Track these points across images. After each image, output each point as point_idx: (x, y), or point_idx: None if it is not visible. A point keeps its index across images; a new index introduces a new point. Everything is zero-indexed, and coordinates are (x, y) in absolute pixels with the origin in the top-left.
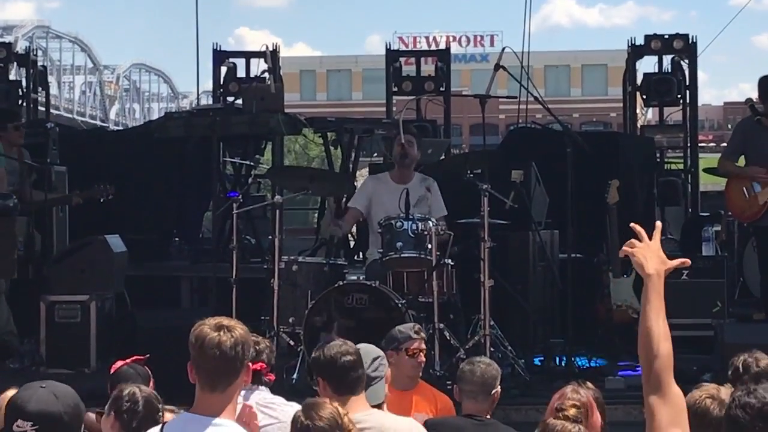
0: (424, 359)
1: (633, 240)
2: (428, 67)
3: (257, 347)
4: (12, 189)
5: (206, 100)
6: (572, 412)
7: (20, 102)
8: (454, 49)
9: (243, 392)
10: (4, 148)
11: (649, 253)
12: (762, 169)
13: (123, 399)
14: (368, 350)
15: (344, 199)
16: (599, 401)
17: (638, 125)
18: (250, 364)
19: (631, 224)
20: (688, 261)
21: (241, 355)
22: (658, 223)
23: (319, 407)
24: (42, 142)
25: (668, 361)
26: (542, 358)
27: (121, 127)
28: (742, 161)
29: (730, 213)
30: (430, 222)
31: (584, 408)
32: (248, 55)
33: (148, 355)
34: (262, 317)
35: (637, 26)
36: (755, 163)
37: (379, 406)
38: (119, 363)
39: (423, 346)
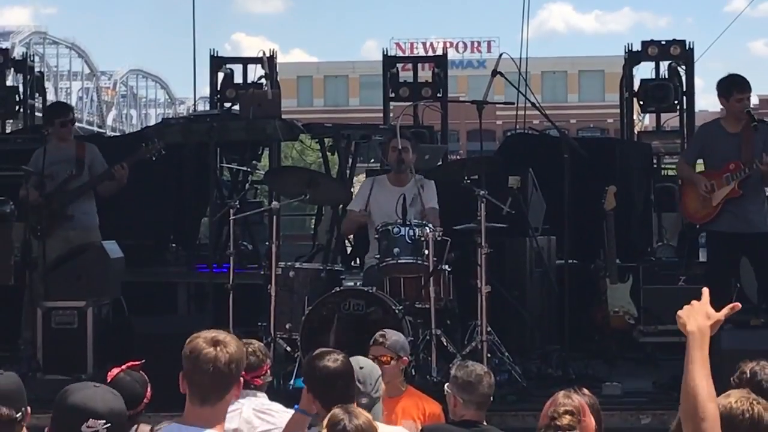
0: (382, 367)
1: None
2: (425, 73)
3: None
4: (67, 176)
5: (203, 106)
6: (566, 420)
7: (17, 108)
8: (451, 55)
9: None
10: (55, 143)
11: (693, 312)
12: (703, 180)
13: None
14: (371, 370)
15: (341, 207)
16: (595, 407)
17: (635, 131)
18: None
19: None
20: (738, 305)
21: (235, 371)
22: (705, 290)
23: (356, 413)
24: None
25: (716, 424)
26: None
27: (118, 133)
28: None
29: (684, 215)
30: (427, 228)
31: (577, 413)
32: (245, 61)
33: (143, 360)
34: (259, 323)
35: (633, 32)
36: (713, 165)
37: None
38: (115, 370)
39: (384, 352)
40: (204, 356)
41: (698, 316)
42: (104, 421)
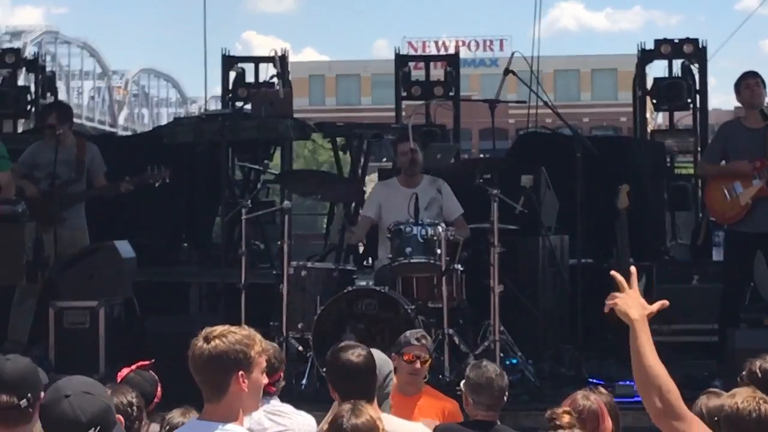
0: (421, 368)
1: (613, 293)
2: (437, 72)
3: None
4: (67, 179)
5: (215, 105)
6: (565, 420)
7: (29, 108)
8: (464, 53)
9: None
10: (47, 144)
11: (631, 301)
12: (746, 162)
13: None
14: (382, 365)
15: (353, 205)
16: (612, 407)
17: (648, 130)
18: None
19: (612, 272)
20: (666, 302)
21: (221, 366)
22: (633, 269)
23: (359, 411)
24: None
25: (677, 392)
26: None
27: (129, 133)
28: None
29: (711, 216)
30: (439, 227)
31: (590, 414)
32: (257, 60)
33: (153, 360)
34: (272, 323)
35: (644, 31)
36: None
37: None
38: (125, 370)
39: (423, 354)
40: (193, 353)
41: (638, 306)
42: (91, 430)
